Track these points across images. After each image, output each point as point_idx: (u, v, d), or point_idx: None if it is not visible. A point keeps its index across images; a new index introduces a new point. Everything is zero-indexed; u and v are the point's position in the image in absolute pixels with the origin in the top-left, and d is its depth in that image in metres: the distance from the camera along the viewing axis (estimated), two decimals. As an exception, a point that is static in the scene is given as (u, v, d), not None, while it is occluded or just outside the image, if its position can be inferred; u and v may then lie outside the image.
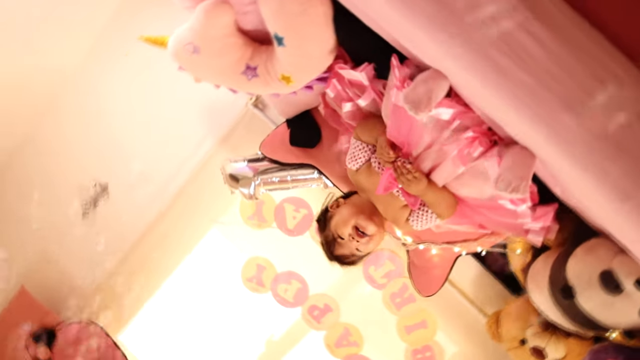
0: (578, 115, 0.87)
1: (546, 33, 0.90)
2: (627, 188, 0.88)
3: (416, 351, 2.18)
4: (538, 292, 1.55)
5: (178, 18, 1.42)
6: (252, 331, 2.56)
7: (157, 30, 1.51)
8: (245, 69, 1.45)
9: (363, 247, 1.60)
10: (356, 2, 1.15)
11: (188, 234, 2.40)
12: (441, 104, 1.20)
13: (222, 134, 2.19)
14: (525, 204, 1.30)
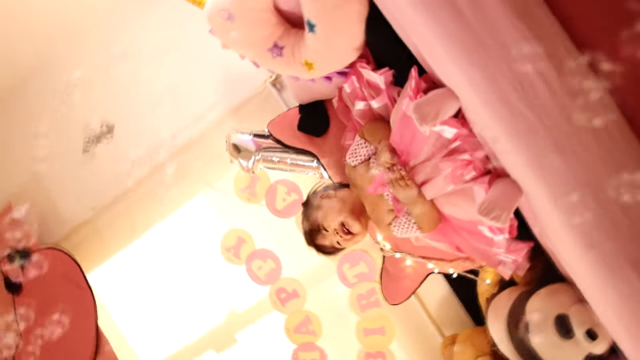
0: (567, 160, 0.92)
1: (558, 82, 0.95)
2: (594, 236, 0.93)
3: (369, 354, 2.23)
4: (496, 322, 1.60)
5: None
6: (217, 299, 2.60)
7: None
8: (273, 47, 1.51)
9: (344, 243, 1.67)
10: (392, 9, 1.20)
11: (179, 192, 2.44)
12: (447, 122, 1.25)
13: (235, 103, 2.24)
14: (503, 234, 1.36)
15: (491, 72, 0.97)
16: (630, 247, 0.91)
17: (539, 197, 1.05)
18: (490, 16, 0.92)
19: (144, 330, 2.76)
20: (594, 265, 0.94)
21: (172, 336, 2.69)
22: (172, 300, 2.71)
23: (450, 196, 1.39)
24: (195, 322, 2.64)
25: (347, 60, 1.50)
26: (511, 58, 0.92)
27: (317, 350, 2.28)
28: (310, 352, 2.29)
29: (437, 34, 1.02)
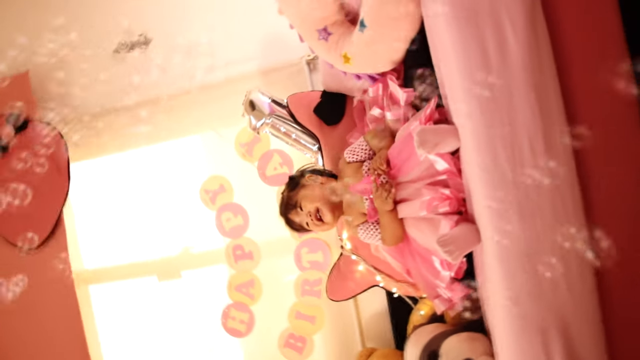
0: (523, 223, 1.04)
1: (543, 157, 1.06)
2: (523, 296, 1.04)
3: (292, 335, 2.34)
4: (414, 348, 1.73)
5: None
6: (178, 232, 2.69)
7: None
8: (322, 29, 1.61)
9: (312, 226, 1.78)
10: (434, 35, 1.31)
11: (185, 123, 2.53)
12: (442, 156, 1.36)
13: (268, 66, 2.32)
14: (450, 271, 1.48)
15: (493, 126, 1.07)
16: (546, 316, 1.03)
17: (489, 252, 1.16)
18: (510, 69, 1.01)
19: (97, 235, 2.83)
20: (512, 319, 1.06)
21: (122, 249, 2.77)
22: (135, 217, 2.79)
23: (419, 221, 1.50)
24: (149, 245, 2.73)
25: (382, 68, 1.60)
26: (514, 122, 1.02)
27: (248, 313, 2.39)
28: (242, 312, 2.39)
29: (460, 68, 1.11)
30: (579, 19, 1.02)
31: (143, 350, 2.77)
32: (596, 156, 1.04)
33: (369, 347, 2.28)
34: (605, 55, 1.01)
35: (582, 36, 1.03)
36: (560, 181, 1.04)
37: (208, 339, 2.74)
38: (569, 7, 0.98)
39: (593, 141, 1.00)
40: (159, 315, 2.77)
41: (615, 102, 1.01)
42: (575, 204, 1.05)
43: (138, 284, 2.72)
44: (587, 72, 1.03)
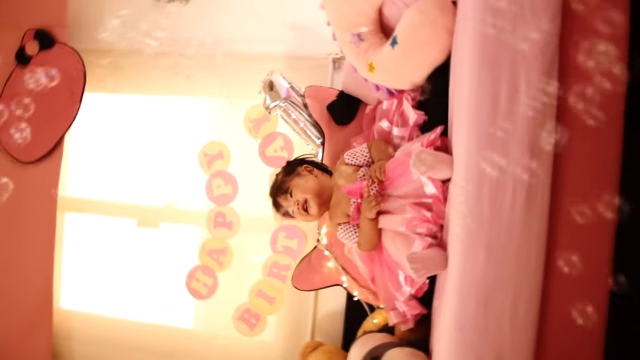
0: (488, 261, 1.12)
1: (520, 221, 1.14)
2: (468, 325, 1.13)
3: (248, 311, 2.42)
4: (359, 349, 1.81)
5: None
6: (167, 186, 2.76)
7: None
8: (356, 34, 1.69)
9: (296, 215, 1.86)
10: (456, 72, 1.39)
11: (202, 84, 2.58)
12: (433, 181, 1.44)
13: (296, 53, 2.39)
14: (411, 288, 1.57)
15: (485, 171, 1.15)
16: (485, 348, 1.11)
17: (451, 279, 1.25)
18: (514, 119, 1.09)
19: (88, 166, 2.87)
20: (455, 344, 1.14)
21: (109, 186, 2.83)
22: (130, 160, 2.85)
23: (396, 234, 1.59)
24: (137, 189, 2.79)
25: (401, 86, 1.68)
26: (506, 168, 1.11)
27: (213, 279, 2.46)
28: (207, 276, 2.47)
29: (471, 105, 1.18)
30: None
31: (101, 287, 2.84)
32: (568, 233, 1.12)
33: (316, 340, 2.37)
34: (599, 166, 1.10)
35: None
36: (531, 231, 1.12)
37: (167, 292, 2.82)
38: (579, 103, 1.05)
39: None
40: (126, 258, 2.84)
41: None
42: (538, 256, 1.13)
43: (116, 223, 2.78)
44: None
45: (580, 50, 1.04)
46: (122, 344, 2.67)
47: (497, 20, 1.04)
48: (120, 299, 2.79)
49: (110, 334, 2.71)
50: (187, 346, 2.61)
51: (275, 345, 2.52)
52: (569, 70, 1.06)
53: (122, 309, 2.76)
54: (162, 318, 2.74)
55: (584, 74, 1.05)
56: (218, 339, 2.56)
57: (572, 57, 1.05)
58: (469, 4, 1.14)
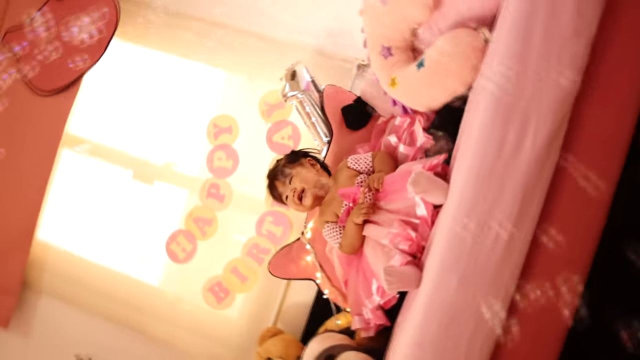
0: (459, 287, 1.18)
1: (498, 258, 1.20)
2: (427, 344, 1.19)
3: (220, 284, 2.47)
4: (317, 344, 1.88)
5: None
6: (169, 146, 2.79)
7: None
8: (387, 47, 1.74)
9: (289, 202, 1.91)
10: (471, 108, 1.45)
11: (229, 57, 2.61)
12: (426, 204, 1.50)
13: (324, 50, 2.44)
14: (380, 298, 1.62)
15: (477, 202, 1.20)
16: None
17: (420, 299, 1.31)
18: (516, 165, 1.14)
19: (97, 109, 2.89)
20: (410, 357, 1.20)
21: (113, 132, 2.85)
22: (139, 113, 2.88)
23: (378, 245, 1.64)
24: (141, 142, 2.82)
25: (417, 107, 1.74)
26: (494, 206, 1.16)
27: (193, 245, 2.52)
28: (188, 242, 2.53)
29: (478, 144, 1.23)
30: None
31: (83, 228, 2.87)
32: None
33: (278, 327, 2.43)
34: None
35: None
36: (504, 273, 1.18)
37: (144, 248, 2.87)
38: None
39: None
40: (114, 206, 2.87)
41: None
42: (505, 298, 1.19)
43: (112, 170, 2.82)
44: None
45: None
46: (90, 287, 2.73)
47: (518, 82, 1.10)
48: (99, 244, 2.82)
49: (81, 275, 2.76)
50: (152, 303, 2.66)
51: (238, 323, 2.58)
52: (575, 139, 1.11)
53: (98, 253, 2.79)
54: (134, 271, 2.77)
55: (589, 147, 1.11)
56: (184, 304, 2.62)
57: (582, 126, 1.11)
58: (499, 54, 1.19)
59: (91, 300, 2.71)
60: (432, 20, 1.67)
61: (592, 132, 1.10)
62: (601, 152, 1.11)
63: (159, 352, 2.62)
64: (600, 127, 1.09)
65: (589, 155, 1.13)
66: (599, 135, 1.10)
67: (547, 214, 1.15)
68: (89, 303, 2.71)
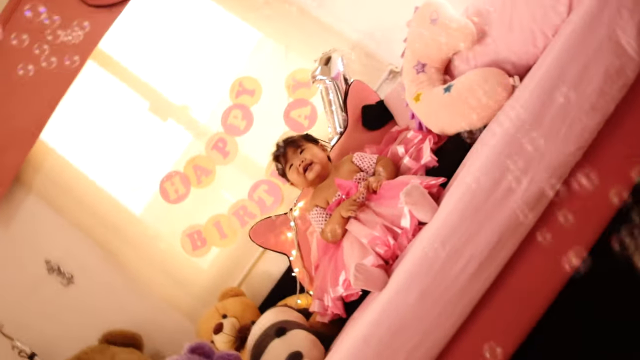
0: (419, 304, 1.27)
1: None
2: (374, 340, 1.27)
3: (199, 233, 2.54)
4: (272, 315, 1.93)
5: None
6: (190, 92, 2.85)
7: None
8: (422, 64, 1.81)
9: (292, 172, 2.01)
10: (479, 146, 1.52)
11: (274, 24, 2.66)
12: (412, 217, 1.57)
13: (363, 47, 2.49)
14: (344, 291, 1.71)
15: (455, 234, 1.28)
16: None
17: (379, 301, 1.39)
18: (500, 210, 1.22)
19: (133, 36, 2.95)
20: (354, 350, 1.29)
21: (142, 64, 2.91)
22: (169, 50, 2.93)
23: (356, 241, 1.72)
24: (162, 79, 2.88)
25: (432, 127, 1.81)
26: (473, 238, 1.24)
27: (186, 190, 2.59)
28: (182, 185, 2.59)
29: (474, 181, 1.29)
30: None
31: (88, 142, 2.95)
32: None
33: (241, 289, 2.52)
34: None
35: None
36: (462, 300, 1.27)
37: (139, 179, 2.95)
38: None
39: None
40: (123, 130, 2.94)
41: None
42: (455, 322, 1.27)
43: (131, 95, 2.88)
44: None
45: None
46: (78, 200, 2.78)
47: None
48: (98, 162, 2.90)
49: (73, 186, 2.81)
50: (131, 232, 2.74)
51: (206, 274, 2.67)
52: (559, 203, 1.19)
53: (94, 170, 2.86)
54: (123, 197, 2.85)
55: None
56: (161, 242, 2.70)
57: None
58: (518, 104, 1.26)
59: (75, 212, 2.77)
60: (471, 52, 1.74)
61: (578, 202, 1.18)
62: (580, 224, 1.18)
63: (124, 280, 2.70)
64: (586, 201, 1.17)
65: (569, 222, 1.20)
66: (581, 208, 1.17)
67: (513, 263, 1.23)
68: (72, 214, 2.77)
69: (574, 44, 1.21)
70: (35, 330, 2.70)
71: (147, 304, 2.67)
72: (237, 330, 2.23)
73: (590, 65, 1.17)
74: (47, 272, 2.76)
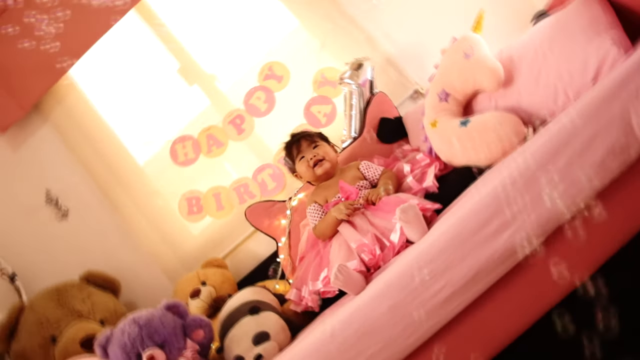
0: (387, 313, 1.35)
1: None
2: (339, 338, 1.35)
3: (198, 200, 2.61)
4: (248, 294, 2.02)
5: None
6: (221, 62, 2.92)
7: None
8: (446, 94, 1.88)
9: (301, 164, 2.09)
10: (479, 184, 1.60)
11: (314, 19, 2.74)
12: (401, 234, 1.65)
13: (395, 62, 2.58)
14: (322, 287, 1.79)
15: (433, 266, 1.35)
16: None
17: (351, 305, 1.46)
18: (478, 253, 1.29)
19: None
20: (319, 342, 1.37)
21: (182, 26, 2.97)
22: (206, 20, 2.98)
23: (344, 244, 1.80)
24: (197, 44, 2.95)
25: (440, 154, 1.88)
26: (451, 268, 1.32)
27: (195, 157, 2.67)
28: (193, 151, 2.67)
29: (463, 215, 1.36)
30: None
31: (111, 87, 3.02)
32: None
33: (225, 262, 2.59)
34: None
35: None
36: (429, 321, 1.34)
37: (153, 135, 3.02)
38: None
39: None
40: (148, 83, 3.01)
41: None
42: (417, 340, 1.35)
43: (164, 53, 2.94)
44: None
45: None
46: (89, 139, 2.84)
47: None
48: (117, 108, 2.97)
49: (88, 125, 2.87)
50: (134, 182, 2.80)
51: (194, 240, 2.75)
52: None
53: (112, 115, 2.93)
54: (134, 148, 2.91)
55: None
56: (159, 199, 2.78)
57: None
58: (526, 154, 1.34)
59: (84, 151, 2.83)
60: (495, 94, 1.81)
61: (556, 258, 1.26)
62: (553, 279, 1.26)
63: (115, 226, 2.77)
64: (562, 259, 1.25)
65: (546, 274, 1.28)
66: (557, 263, 1.26)
67: (483, 299, 1.31)
68: (81, 152, 2.84)
69: (588, 113, 1.28)
70: (20, 254, 2.78)
71: (132, 254, 2.74)
72: (212, 299, 2.31)
73: (599, 137, 1.24)
74: (45, 202, 2.83)
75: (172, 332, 1.73)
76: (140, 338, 1.68)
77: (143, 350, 1.66)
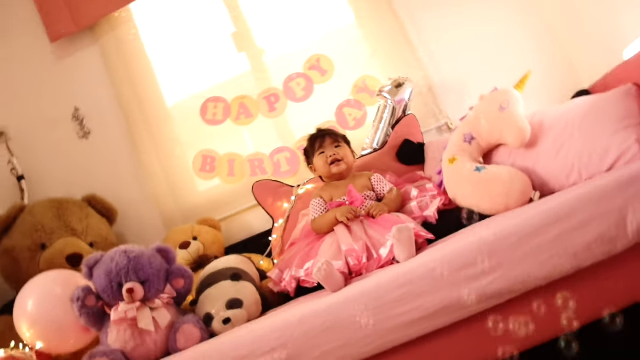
0: (359, 314, 1.45)
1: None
2: (306, 324, 1.45)
3: (213, 159, 2.67)
4: (234, 259, 2.14)
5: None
6: (275, 41, 3.01)
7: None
8: (471, 137, 1.96)
9: (319, 159, 2.17)
10: (476, 228, 1.69)
11: (378, 28, 2.78)
12: (390, 252, 1.74)
13: (434, 91, 2.67)
14: (303, 275, 1.89)
15: (403, 290, 1.44)
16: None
17: (327, 300, 1.56)
18: (438, 294, 1.38)
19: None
20: (282, 326, 1.45)
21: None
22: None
23: (336, 243, 1.88)
24: (257, 17, 3.01)
25: (448, 191, 1.96)
26: (425, 294, 1.42)
27: (223, 118, 2.75)
28: (221, 113, 2.75)
29: (448, 256, 1.45)
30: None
31: (165, 29, 3.09)
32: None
33: (220, 224, 2.68)
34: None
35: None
36: (405, 334, 1.44)
37: (189, 87, 3.09)
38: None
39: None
40: (200, 37, 3.06)
41: None
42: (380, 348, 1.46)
43: (225, 17, 2.99)
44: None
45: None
46: (130, 71, 2.94)
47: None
48: (165, 53, 3.03)
49: (133, 58, 2.95)
50: (159, 123, 2.90)
51: (198, 196, 2.86)
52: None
53: (158, 58, 3.01)
54: (169, 94, 2.98)
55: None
56: (177, 149, 2.86)
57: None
58: (523, 218, 1.43)
59: (120, 81, 2.92)
60: (515, 151, 1.90)
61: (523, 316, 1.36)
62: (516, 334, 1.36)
63: (129, 159, 2.88)
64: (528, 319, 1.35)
65: (509, 327, 1.38)
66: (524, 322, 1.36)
67: (445, 332, 1.41)
68: (117, 81, 2.93)
69: (591, 198, 1.37)
70: (34, 159, 2.90)
71: (137, 190, 2.85)
72: (199, 255, 2.41)
73: (593, 222, 1.33)
74: (71, 118, 2.94)
75: (156, 274, 1.83)
76: (126, 270, 1.79)
77: (126, 282, 1.77)
